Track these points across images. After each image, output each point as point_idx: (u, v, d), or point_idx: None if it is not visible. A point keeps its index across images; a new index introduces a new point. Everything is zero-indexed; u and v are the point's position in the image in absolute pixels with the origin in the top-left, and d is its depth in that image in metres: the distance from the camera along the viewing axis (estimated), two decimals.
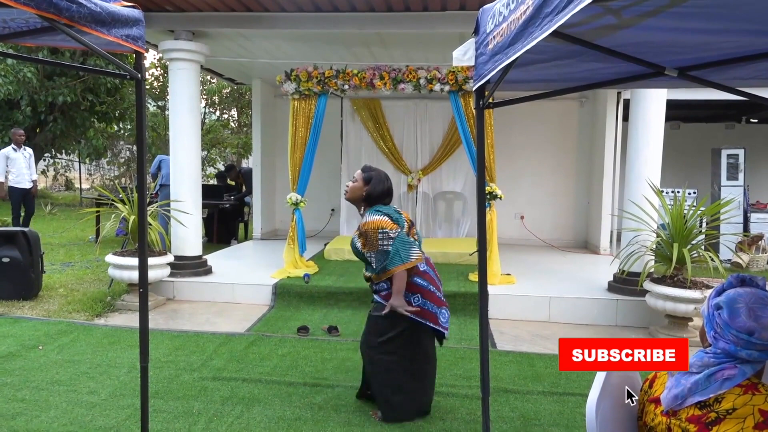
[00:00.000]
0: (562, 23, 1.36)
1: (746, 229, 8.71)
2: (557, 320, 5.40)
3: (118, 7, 1.99)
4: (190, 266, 6.11)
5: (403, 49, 6.88)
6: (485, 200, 5.65)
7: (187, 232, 6.08)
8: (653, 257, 5.22)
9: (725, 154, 8.80)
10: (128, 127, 17.39)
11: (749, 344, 1.48)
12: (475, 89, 2.18)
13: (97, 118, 15.94)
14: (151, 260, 4.95)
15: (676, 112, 9.44)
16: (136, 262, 5.11)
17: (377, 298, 3.17)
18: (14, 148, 8.68)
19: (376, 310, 3.18)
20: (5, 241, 5.62)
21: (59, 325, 4.86)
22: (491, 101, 2.35)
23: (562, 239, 9.22)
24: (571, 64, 2.19)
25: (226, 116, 20.20)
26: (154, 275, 5.41)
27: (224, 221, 9.65)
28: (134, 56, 2.23)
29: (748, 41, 1.90)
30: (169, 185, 6.42)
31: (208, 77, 16.04)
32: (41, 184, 17.68)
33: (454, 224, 8.78)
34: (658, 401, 1.62)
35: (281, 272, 6.19)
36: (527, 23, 1.53)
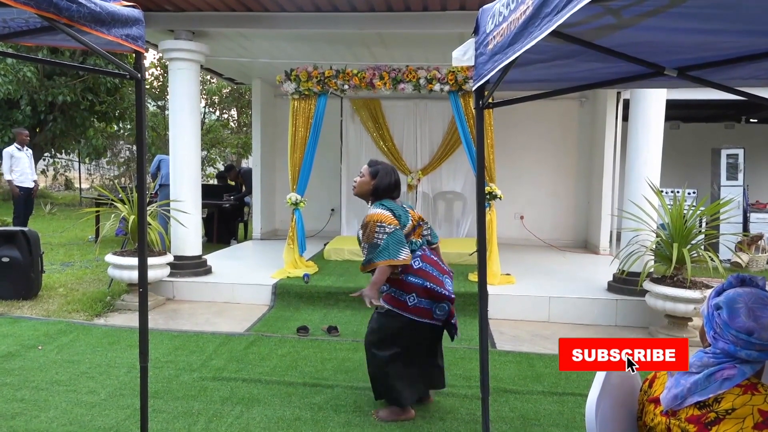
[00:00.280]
0: (561, 23, 1.36)
1: (746, 229, 8.71)
2: (557, 320, 5.40)
3: (118, 6, 1.99)
4: (189, 266, 6.11)
5: (403, 49, 6.88)
6: (485, 200, 5.64)
7: (186, 232, 6.08)
8: (653, 257, 5.22)
9: (725, 153, 8.80)
10: (128, 126, 17.38)
11: (748, 344, 1.48)
12: (474, 89, 2.19)
13: (96, 117, 15.93)
14: (150, 260, 4.96)
15: (675, 111, 9.44)
16: (135, 261, 5.11)
17: (383, 300, 3.18)
18: (18, 147, 8.74)
19: (377, 308, 3.20)
20: (5, 240, 5.62)
21: (59, 324, 4.86)
22: (491, 101, 2.35)
23: (561, 239, 9.23)
24: (570, 64, 2.19)
25: (225, 116, 20.20)
26: (153, 275, 5.41)
27: (224, 221, 9.65)
28: (134, 56, 2.23)
29: (747, 41, 1.90)
30: (168, 185, 6.42)
31: (208, 77, 16.03)
32: (41, 183, 17.66)
33: (453, 224, 8.78)
34: (657, 401, 1.62)
35: (281, 272, 6.19)
36: (527, 23, 1.53)
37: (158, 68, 16.91)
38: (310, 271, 6.24)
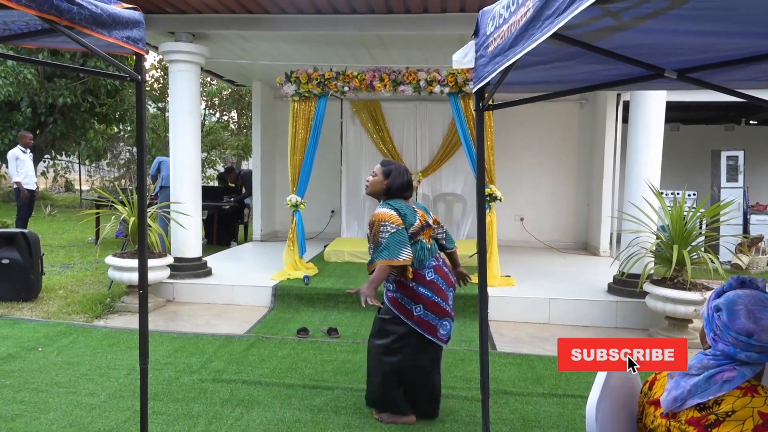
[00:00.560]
0: (562, 25, 1.36)
1: (746, 230, 8.71)
2: (557, 322, 5.40)
3: (118, 8, 1.99)
4: (189, 268, 6.11)
5: (403, 50, 6.88)
6: (485, 202, 5.65)
7: (186, 233, 6.08)
8: (653, 259, 5.22)
9: (725, 155, 8.81)
10: (128, 128, 17.38)
11: (748, 346, 1.47)
12: (474, 91, 2.18)
13: (97, 119, 15.94)
14: (150, 262, 4.95)
15: (675, 113, 9.44)
16: (135, 263, 5.11)
17: (385, 299, 3.18)
18: (22, 149, 8.84)
19: (380, 312, 3.20)
20: (5, 242, 5.62)
21: (59, 326, 4.85)
22: (491, 103, 2.35)
23: (561, 241, 9.22)
24: (570, 65, 2.19)
25: (226, 118, 20.21)
26: (153, 277, 5.41)
27: (224, 223, 9.65)
28: (134, 58, 2.23)
29: (748, 43, 1.90)
30: (169, 187, 6.42)
31: (208, 79, 16.05)
32: (41, 185, 17.69)
33: (453, 226, 8.77)
34: (657, 403, 1.62)
35: (281, 274, 6.19)
36: (527, 25, 1.53)
37: (158, 70, 16.92)
38: (310, 272, 6.24)
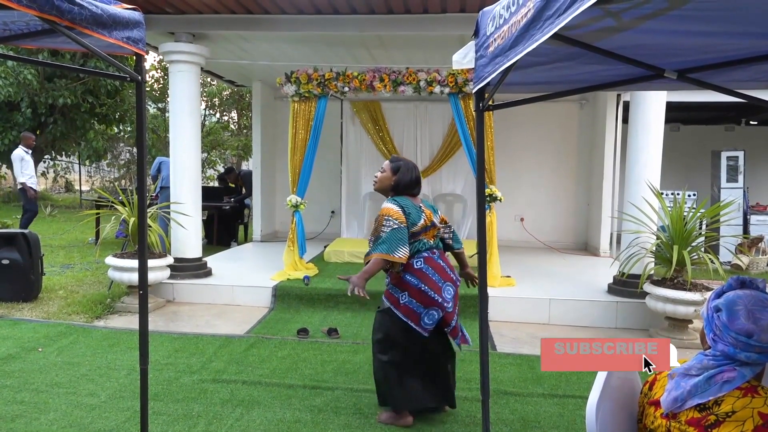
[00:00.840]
0: (563, 26, 1.36)
1: (746, 231, 8.71)
2: (557, 322, 5.40)
3: (119, 9, 1.99)
4: (189, 268, 6.11)
5: (403, 51, 6.88)
6: (485, 202, 5.65)
7: (186, 234, 6.08)
8: (653, 259, 5.22)
9: (725, 156, 8.81)
10: (128, 129, 17.40)
11: (748, 346, 1.47)
12: (474, 91, 2.18)
13: (97, 120, 15.95)
14: (151, 262, 4.95)
15: (675, 114, 9.44)
16: (135, 264, 5.11)
17: (383, 295, 3.19)
18: (26, 150, 8.94)
19: (379, 306, 3.21)
20: (5, 242, 5.62)
21: (59, 327, 4.85)
22: (491, 103, 2.35)
23: (562, 241, 9.22)
24: (570, 66, 2.19)
25: (226, 118, 20.22)
26: (153, 277, 5.41)
27: (224, 223, 9.65)
28: (135, 58, 2.24)
29: (748, 44, 1.90)
30: (169, 187, 6.42)
31: (208, 79, 16.06)
32: (41, 185, 17.71)
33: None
34: (657, 404, 1.62)
35: (281, 274, 6.19)
36: (528, 26, 1.53)
37: (158, 70, 16.93)
38: (310, 273, 6.24)
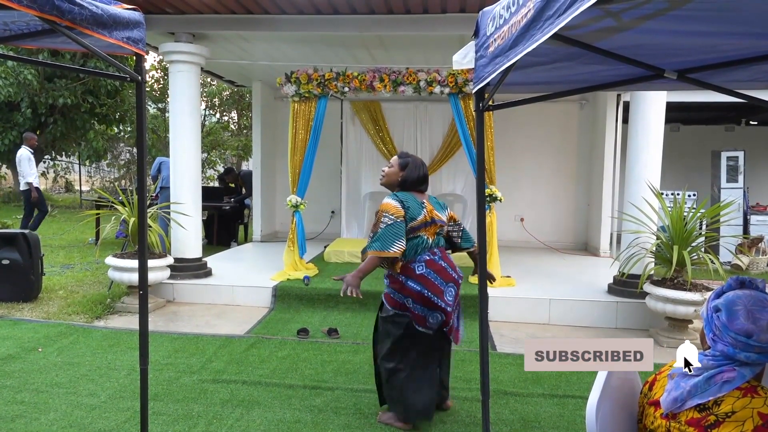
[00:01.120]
0: (563, 26, 1.36)
1: (746, 231, 8.71)
2: (557, 323, 5.40)
3: (119, 9, 1.99)
4: (190, 268, 6.11)
5: (403, 51, 6.88)
6: (485, 202, 5.65)
7: (187, 234, 6.08)
8: (653, 259, 5.22)
9: (725, 156, 8.81)
10: (128, 129, 17.40)
11: (747, 347, 1.47)
12: (474, 92, 2.19)
13: (97, 120, 15.95)
14: (151, 262, 4.95)
15: (675, 114, 9.45)
16: (136, 264, 5.11)
17: (383, 297, 3.18)
18: (31, 151, 9.04)
19: (380, 310, 3.21)
20: (5, 243, 5.62)
21: (59, 327, 4.85)
22: (491, 104, 2.35)
23: (561, 241, 9.22)
24: (570, 66, 2.19)
25: (226, 118, 20.22)
26: (153, 277, 5.41)
27: (224, 223, 9.65)
28: (135, 58, 2.24)
29: (748, 44, 1.90)
30: (169, 187, 6.42)
31: (208, 79, 16.06)
32: (42, 186, 17.69)
33: None
34: (657, 404, 1.62)
35: (281, 274, 6.19)
36: (528, 26, 1.53)
37: (158, 71, 16.93)
38: (310, 273, 6.24)
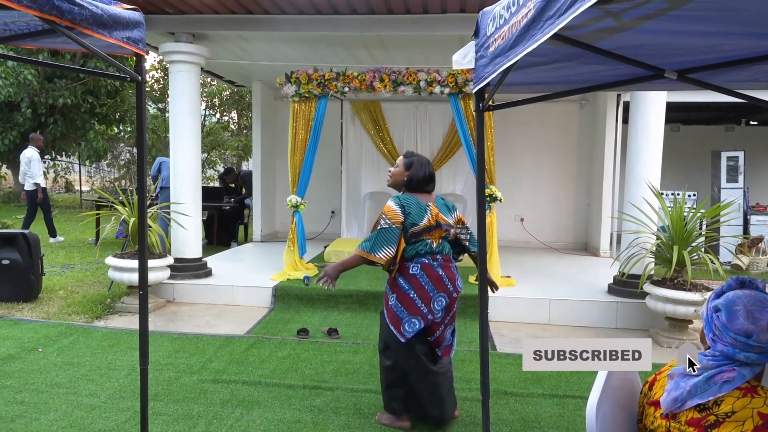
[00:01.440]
0: (563, 26, 1.36)
1: (746, 231, 8.71)
2: (557, 323, 5.40)
3: (119, 9, 1.99)
4: (190, 268, 6.11)
5: (403, 51, 6.88)
6: (485, 202, 5.65)
7: (187, 234, 6.08)
8: (653, 259, 5.22)
9: (725, 156, 8.81)
10: (128, 129, 17.41)
11: (747, 347, 1.47)
12: (475, 92, 2.18)
13: (97, 120, 15.95)
14: (151, 262, 4.95)
15: (676, 114, 9.45)
16: (136, 264, 5.11)
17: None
18: (38, 151, 9.17)
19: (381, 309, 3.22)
20: (5, 243, 5.62)
21: (59, 327, 4.85)
22: (491, 104, 2.35)
23: (562, 241, 9.22)
24: (570, 66, 2.19)
25: (226, 118, 20.22)
26: (154, 277, 5.41)
27: (224, 223, 9.65)
28: (135, 58, 2.24)
29: (748, 44, 1.90)
30: (169, 187, 6.42)
31: (208, 79, 16.06)
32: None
33: None
34: (657, 404, 1.62)
35: (281, 274, 6.19)
36: (528, 26, 1.53)
37: (159, 71, 16.93)
38: (310, 273, 6.24)
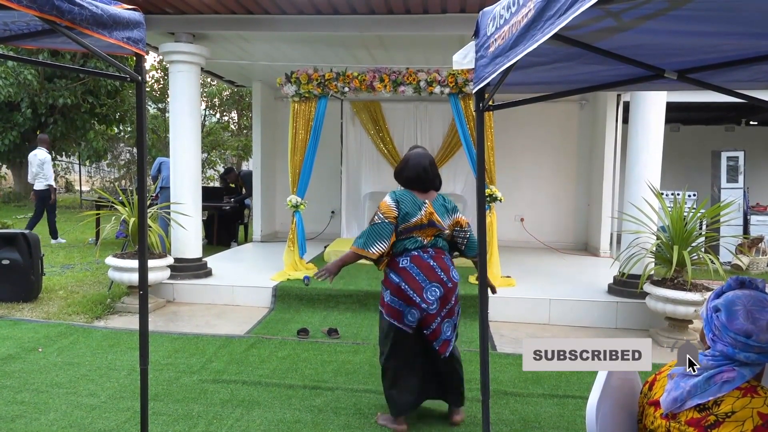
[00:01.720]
0: (563, 26, 1.36)
1: (746, 231, 8.71)
2: (557, 323, 5.40)
3: (119, 9, 1.99)
4: (190, 268, 6.11)
5: (403, 51, 6.88)
6: (485, 202, 5.64)
7: (187, 234, 6.08)
8: (653, 259, 5.22)
9: (725, 156, 8.81)
10: (128, 129, 17.41)
11: (747, 347, 1.47)
12: (475, 92, 2.18)
13: (97, 120, 15.96)
14: (151, 262, 4.95)
15: (676, 114, 9.45)
16: (136, 264, 5.11)
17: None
18: (48, 152, 9.28)
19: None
20: (5, 243, 5.62)
21: (59, 327, 4.85)
22: (491, 104, 2.35)
23: (562, 241, 9.22)
24: (570, 66, 2.19)
25: (226, 118, 20.22)
26: (154, 277, 5.41)
27: (224, 223, 9.65)
28: (135, 59, 2.24)
29: (748, 44, 1.90)
30: (169, 187, 6.42)
31: (208, 79, 16.06)
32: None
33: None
34: (657, 404, 1.62)
35: (281, 274, 6.19)
36: (529, 26, 1.53)
37: (159, 71, 16.94)
38: (310, 273, 6.23)
